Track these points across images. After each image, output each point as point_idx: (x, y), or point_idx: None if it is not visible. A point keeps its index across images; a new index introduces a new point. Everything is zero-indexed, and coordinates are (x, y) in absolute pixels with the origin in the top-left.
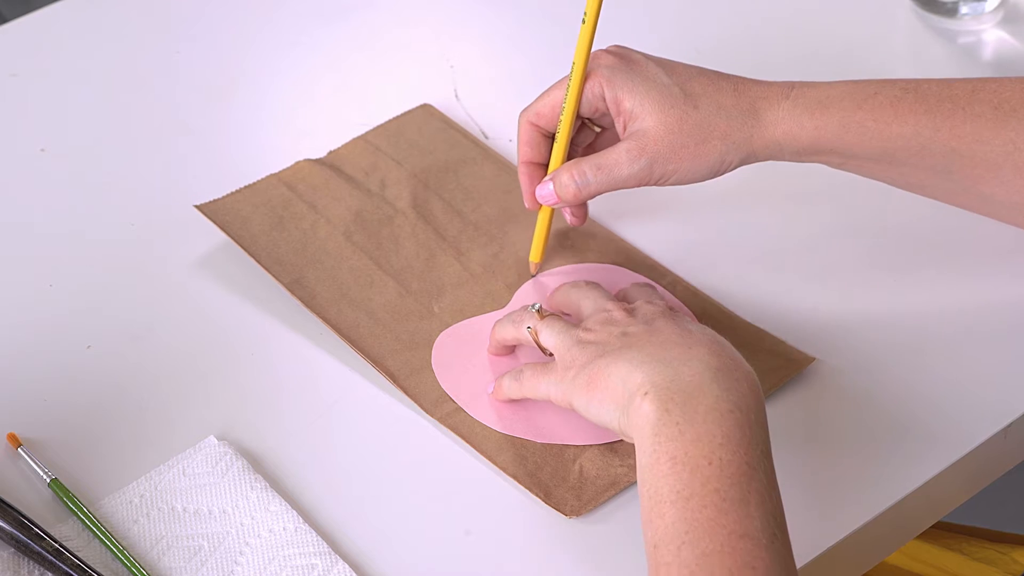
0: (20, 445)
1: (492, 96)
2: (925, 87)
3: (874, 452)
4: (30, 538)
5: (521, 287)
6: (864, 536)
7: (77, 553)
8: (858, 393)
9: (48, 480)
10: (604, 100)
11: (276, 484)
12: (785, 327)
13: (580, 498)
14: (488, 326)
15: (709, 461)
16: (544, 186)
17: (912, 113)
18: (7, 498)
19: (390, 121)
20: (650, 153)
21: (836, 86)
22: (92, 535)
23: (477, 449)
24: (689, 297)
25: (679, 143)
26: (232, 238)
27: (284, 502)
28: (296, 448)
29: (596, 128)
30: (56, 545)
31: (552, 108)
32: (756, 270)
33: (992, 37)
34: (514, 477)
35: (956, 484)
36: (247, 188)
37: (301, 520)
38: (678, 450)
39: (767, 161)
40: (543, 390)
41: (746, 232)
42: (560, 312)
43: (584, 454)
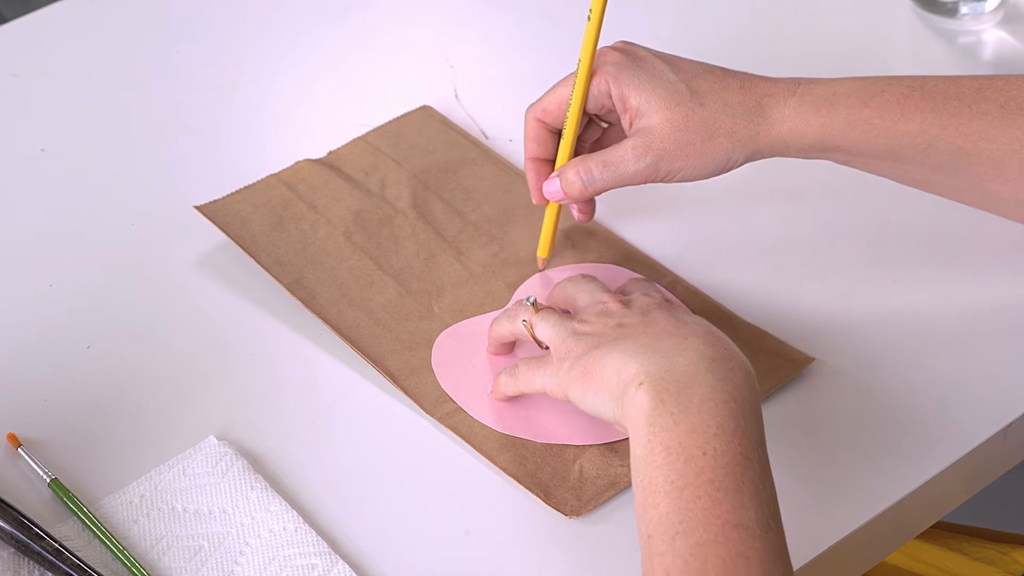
0: (20, 445)
1: (492, 96)
2: (932, 85)
3: (874, 452)
4: (30, 538)
5: (520, 286)
6: (864, 536)
7: (77, 553)
8: (858, 393)
9: (48, 480)
10: (610, 97)
11: (276, 484)
12: (785, 327)
13: (580, 498)
14: (488, 326)
15: (703, 451)
16: (551, 182)
17: (918, 111)
18: (7, 498)
19: (390, 122)
20: (656, 150)
21: (843, 83)
22: (92, 535)
23: (477, 449)
24: (689, 297)
25: (685, 140)
26: (232, 239)
27: (284, 502)
28: (296, 448)
29: (603, 124)
30: (56, 545)
31: (558, 105)
32: (756, 270)
33: (992, 37)
34: (514, 477)
35: (956, 484)
36: (247, 188)
37: (301, 520)
38: (672, 440)
39: (773, 158)
40: (538, 383)
41: (746, 232)
42: (559, 308)
43: (584, 454)
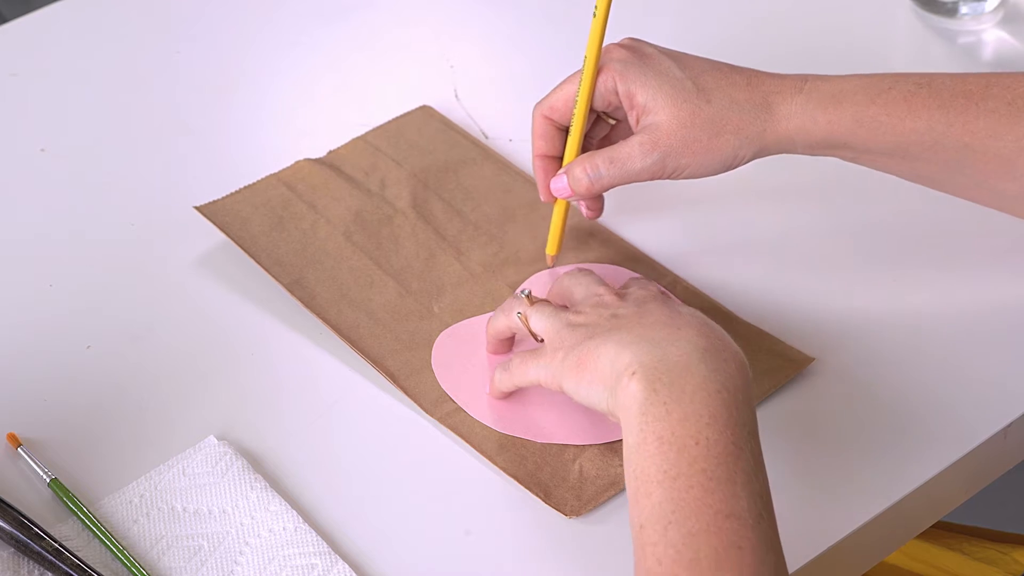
0: (20, 445)
1: (492, 96)
2: (939, 82)
3: (874, 452)
4: (30, 538)
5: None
6: (864, 536)
7: (77, 553)
8: (858, 393)
9: (48, 480)
10: (617, 94)
11: (276, 484)
12: (785, 327)
13: (580, 498)
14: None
15: (696, 441)
16: (558, 179)
17: (925, 108)
18: (7, 498)
19: (390, 122)
20: (663, 147)
21: (850, 80)
22: (92, 535)
23: (477, 449)
24: (689, 297)
25: (692, 137)
26: (232, 239)
27: (284, 502)
28: (296, 448)
29: (610, 120)
30: (56, 545)
31: (565, 102)
32: (756, 270)
33: (992, 37)
34: (514, 477)
35: (956, 484)
36: (247, 188)
37: (301, 520)
38: (665, 430)
39: (780, 154)
40: (532, 374)
41: (746, 232)
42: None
43: (584, 454)
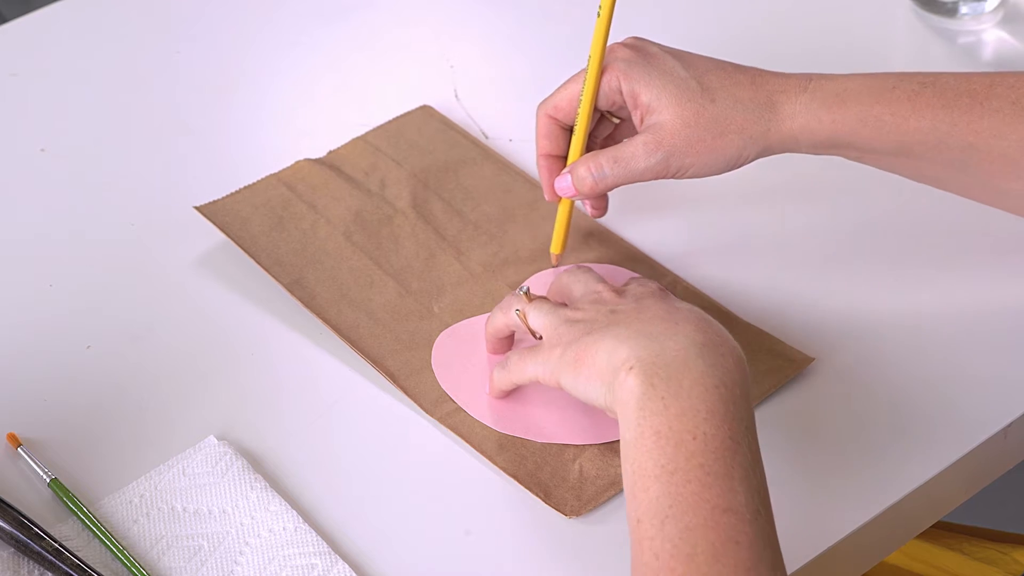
0: (20, 445)
1: (492, 96)
2: (943, 81)
3: (874, 452)
4: (30, 538)
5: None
6: (864, 536)
7: (77, 553)
8: (858, 393)
9: (48, 480)
10: (621, 93)
11: (276, 484)
12: (785, 327)
13: (580, 498)
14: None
15: (693, 436)
16: (562, 179)
17: (930, 108)
18: (7, 498)
19: (390, 122)
20: (667, 147)
21: (854, 79)
22: (92, 535)
23: (477, 449)
24: (689, 297)
25: (696, 137)
26: (232, 239)
27: (284, 502)
28: (296, 448)
29: (614, 119)
30: (56, 545)
31: (569, 101)
32: (756, 270)
33: (992, 37)
34: (514, 477)
35: (956, 484)
36: (246, 188)
37: (301, 520)
38: (662, 424)
39: (784, 154)
40: (530, 371)
41: (746, 232)
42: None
43: (584, 454)
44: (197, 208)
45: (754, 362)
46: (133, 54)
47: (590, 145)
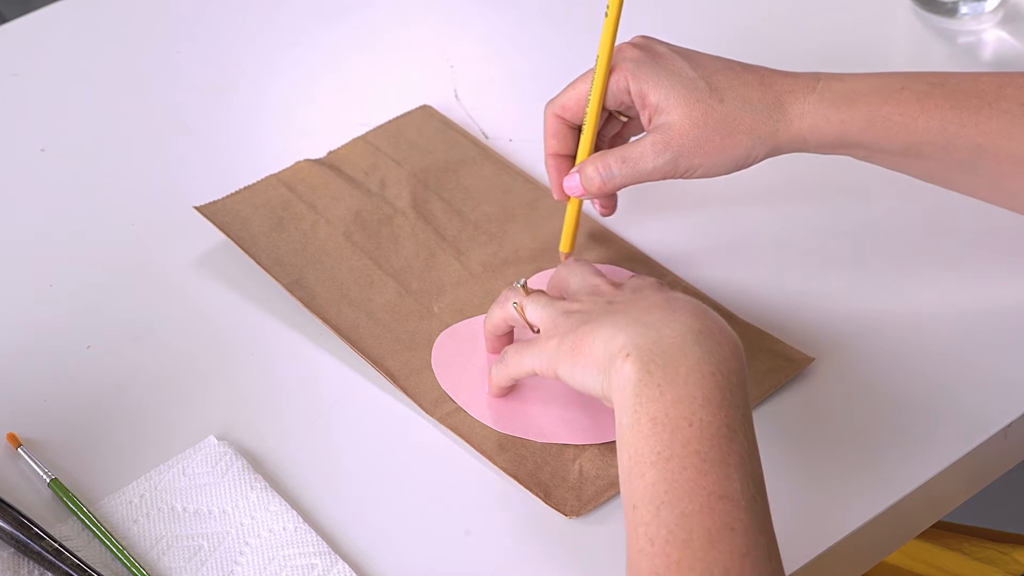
0: (20, 445)
1: (492, 96)
2: (953, 82)
3: (874, 452)
4: (30, 538)
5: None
6: (864, 536)
7: (77, 553)
8: (857, 393)
9: (48, 480)
10: (629, 94)
11: (276, 484)
12: (785, 327)
13: (580, 498)
14: None
15: (690, 423)
16: (571, 178)
17: (938, 108)
18: (7, 498)
19: (390, 122)
20: (675, 147)
21: (863, 79)
22: (92, 535)
23: (477, 449)
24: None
25: (704, 137)
26: (232, 239)
27: (284, 502)
28: (296, 448)
29: (622, 118)
30: (56, 545)
31: (577, 101)
32: (756, 270)
33: (992, 37)
34: (514, 477)
35: (956, 484)
36: (247, 189)
37: (301, 520)
38: (659, 411)
39: (792, 153)
40: (527, 363)
41: (746, 232)
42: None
43: (584, 454)
44: (197, 208)
45: (754, 362)
46: (133, 54)
47: (597, 144)
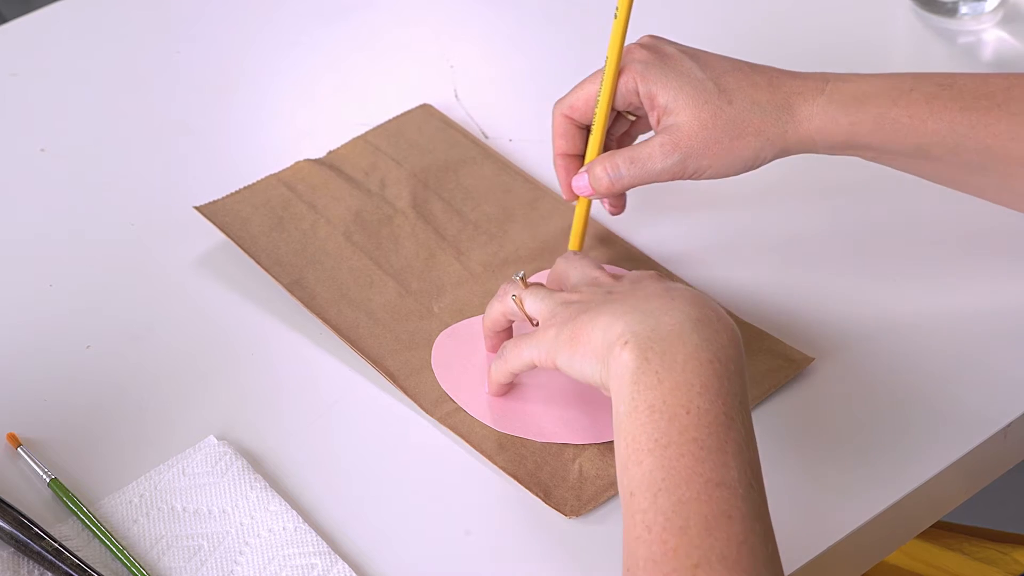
0: (20, 445)
1: (492, 96)
2: (961, 83)
3: (874, 452)
4: (30, 538)
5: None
6: (864, 536)
7: (77, 553)
8: (857, 393)
9: (48, 480)
10: (638, 95)
11: (276, 484)
12: (785, 327)
13: (580, 498)
14: None
15: (687, 410)
16: (579, 178)
17: (947, 110)
18: (7, 498)
19: (390, 121)
20: (684, 148)
21: (871, 80)
22: (92, 535)
23: (477, 449)
24: None
25: (713, 138)
26: (232, 239)
27: (284, 502)
28: (296, 448)
29: (630, 117)
30: (56, 545)
31: (586, 101)
32: (756, 270)
33: (992, 37)
34: (514, 477)
35: (956, 484)
36: (246, 189)
37: (301, 520)
38: (656, 398)
39: (800, 154)
40: (526, 355)
41: (746, 232)
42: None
43: (584, 454)
44: (197, 208)
45: (754, 362)
46: (133, 54)
47: (605, 142)
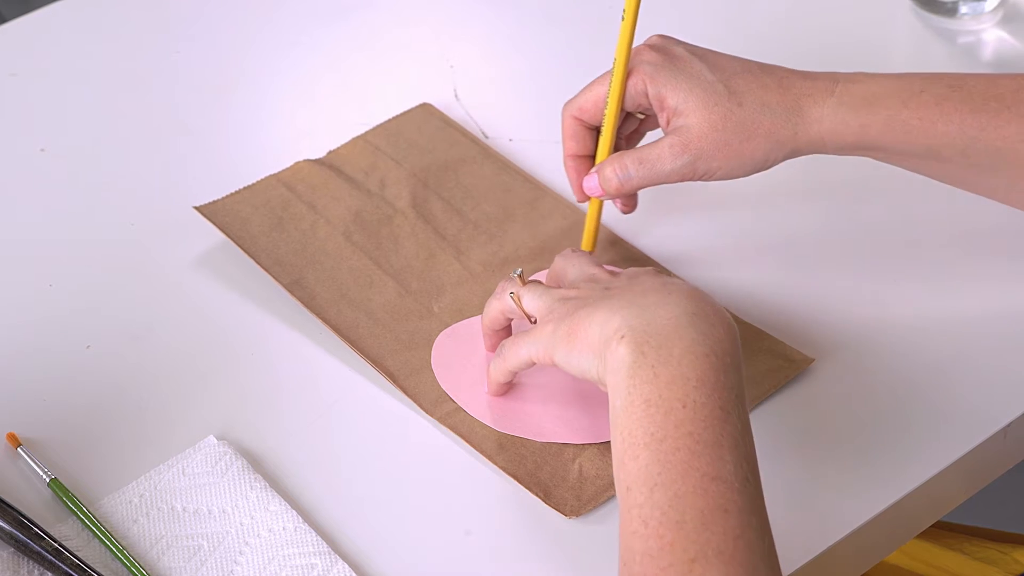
0: (20, 445)
1: (492, 96)
2: (971, 84)
3: (874, 452)
4: (30, 538)
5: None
6: (864, 536)
7: (77, 553)
8: (858, 393)
9: (48, 480)
10: (647, 96)
11: (276, 484)
12: (785, 327)
13: (580, 498)
14: None
15: (683, 404)
16: (590, 179)
17: (957, 112)
18: (7, 498)
19: (390, 120)
20: (694, 150)
21: (881, 81)
22: (92, 535)
23: (477, 449)
24: None
25: (723, 140)
26: (232, 239)
27: (284, 502)
28: (296, 448)
29: (640, 115)
30: (56, 545)
31: (595, 103)
32: (756, 270)
33: (992, 37)
34: (514, 477)
35: (956, 484)
36: (246, 189)
37: (301, 520)
38: (652, 393)
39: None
40: (524, 352)
41: (746, 232)
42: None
43: (583, 453)
44: (197, 208)
45: (754, 362)
46: (132, 54)
47: (616, 140)
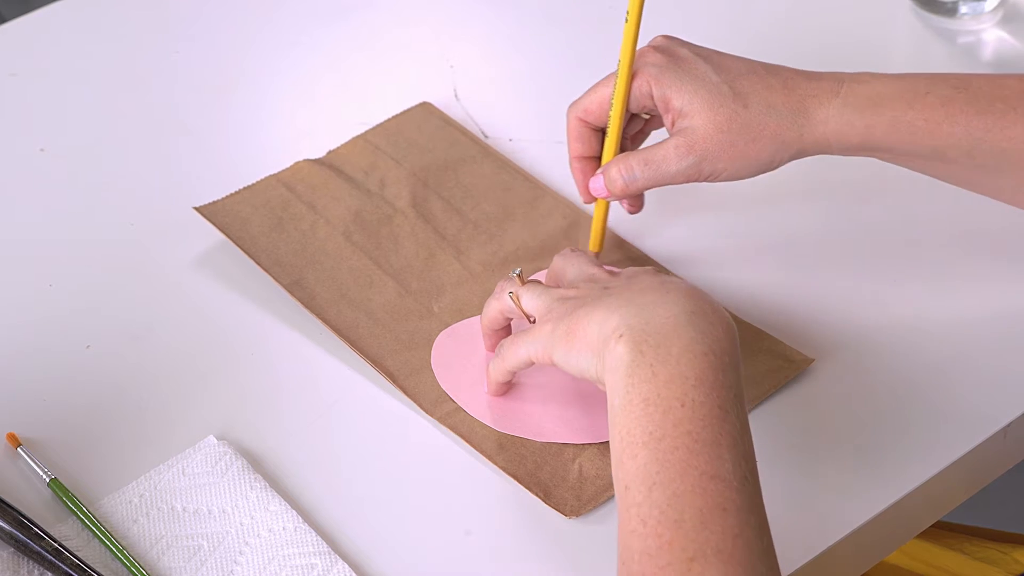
0: (20, 445)
1: (492, 96)
2: (976, 85)
3: (874, 452)
4: (30, 538)
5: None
6: (864, 536)
7: (77, 553)
8: (858, 393)
9: (48, 480)
10: (652, 98)
11: (276, 484)
12: (785, 328)
13: (580, 498)
14: None
15: (682, 403)
16: (596, 180)
17: (963, 114)
18: (7, 498)
19: (389, 120)
20: (699, 151)
21: (886, 82)
22: (92, 535)
23: (477, 449)
24: None
25: (728, 142)
26: (232, 239)
27: (284, 502)
28: (296, 448)
29: (645, 115)
30: (56, 545)
31: (600, 104)
32: (756, 270)
33: (992, 37)
34: (514, 477)
35: (956, 484)
36: (246, 189)
37: (301, 520)
38: (651, 391)
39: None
40: (523, 352)
41: (746, 233)
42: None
43: (583, 453)
44: (197, 208)
45: (754, 362)
46: (132, 54)
47: (621, 140)
